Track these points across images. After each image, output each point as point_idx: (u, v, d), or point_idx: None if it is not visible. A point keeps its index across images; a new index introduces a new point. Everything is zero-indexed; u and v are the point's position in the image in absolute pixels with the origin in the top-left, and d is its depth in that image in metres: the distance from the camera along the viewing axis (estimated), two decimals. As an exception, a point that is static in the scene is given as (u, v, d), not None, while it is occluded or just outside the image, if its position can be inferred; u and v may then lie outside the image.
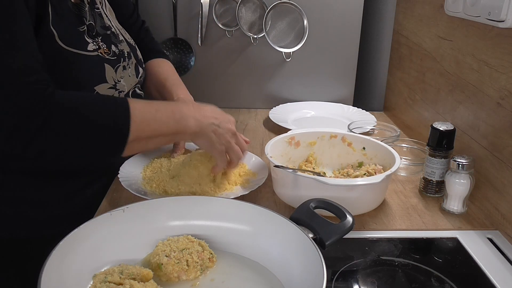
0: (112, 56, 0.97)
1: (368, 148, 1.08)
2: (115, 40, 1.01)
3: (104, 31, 0.99)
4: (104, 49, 0.95)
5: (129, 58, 1.04)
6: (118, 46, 1.01)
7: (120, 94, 0.98)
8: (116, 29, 1.05)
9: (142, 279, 0.68)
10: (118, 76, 0.98)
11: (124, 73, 1.01)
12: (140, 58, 1.11)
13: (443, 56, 1.19)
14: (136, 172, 1.04)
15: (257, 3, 1.49)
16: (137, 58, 1.09)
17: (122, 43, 1.04)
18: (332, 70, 1.60)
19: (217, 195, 0.96)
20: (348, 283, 0.78)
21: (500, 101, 0.93)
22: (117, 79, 0.97)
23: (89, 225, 0.72)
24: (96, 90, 0.91)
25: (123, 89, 0.99)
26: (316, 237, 0.71)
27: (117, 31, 1.05)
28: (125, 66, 1.01)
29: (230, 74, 1.59)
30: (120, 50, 1.01)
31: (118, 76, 0.98)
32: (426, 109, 1.30)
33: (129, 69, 1.03)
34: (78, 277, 0.66)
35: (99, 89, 0.92)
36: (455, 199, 0.96)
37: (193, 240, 0.75)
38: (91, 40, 0.93)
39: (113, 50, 0.98)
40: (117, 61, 0.98)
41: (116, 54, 0.99)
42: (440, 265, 0.83)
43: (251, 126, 1.46)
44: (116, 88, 0.97)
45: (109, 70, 0.95)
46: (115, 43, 1.01)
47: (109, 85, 0.95)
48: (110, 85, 0.95)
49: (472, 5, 0.95)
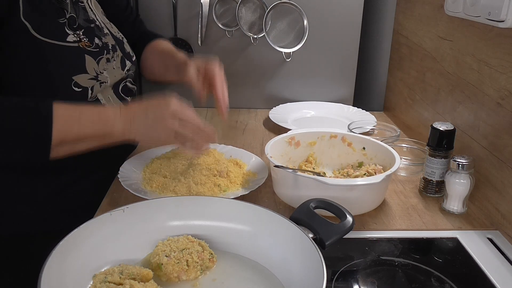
0: (94, 48, 0.98)
1: (368, 148, 1.08)
2: (98, 33, 1.03)
3: (87, 24, 1.01)
4: (85, 42, 0.97)
5: (113, 51, 1.05)
6: (102, 39, 1.02)
7: (102, 85, 0.99)
8: (101, 23, 1.06)
9: (142, 279, 0.68)
10: (100, 68, 0.99)
11: (108, 65, 1.02)
12: (128, 52, 1.12)
13: (443, 56, 1.19)
14: (136, 172, 1.04)
15: (257, 3, 1.49)
16: (124, 52, 1.09)
17: (107, 36, 1.05)
18: (332, 70, 1.60)
19: (217, 195, 0.96)
20: (348, 283, 0.78)
21: (500, 101, 0.93)
22: (99, 70, 0.98)
23: (89, 225, 0.72)
24: (74, 80, 0.93)
25: (106, 80, 1.00)
26: (316, 237, 0.71)
27: (102, 24, 1.06)
28: (109, 59, 1.02)
29: (230, 74, 1.57)
30: (104, 42, 1.02)
31: (100, 67, 0.99)
32: (426, 109, 1.30)
33: (114, 62, 1.04)
34: (78, 277, 0.66)
35: (78, 79, 0.93)
36: (455, 199, 0.96)
37: (193, 240, 0.75)
38: (72, 32, 0.95)
39: (96, 43, 1.00)
40: (99, 53, 0.99)
41: (99, 46, 1.00)
42: (440, 265, 0.83)
43: (251, 126, 1.46)
44: (98, 79, 0.98)
45: (90, 62, 0.96)
46: (98, 35, 1.02)
47: (90, 75, 0.96)
48: (91, 76, 0.96)
49: (472, 5, 0.95)
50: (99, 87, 0.98)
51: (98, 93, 0.99)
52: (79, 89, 0.94)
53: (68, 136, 0.84)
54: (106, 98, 1.02)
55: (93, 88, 0.96)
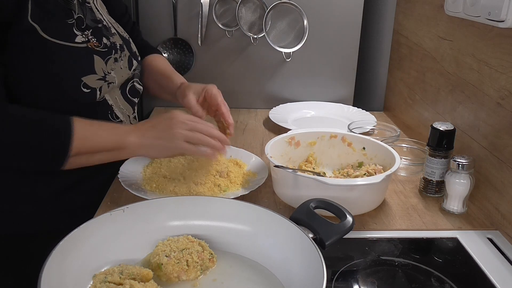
0: (103, 48, 0.98)
1: (368, 148, 1.08)
2: (106, 32, 1.02)
3: (95, 24, 1.01)
4: (93, 42, 0.96)
5: (121, 50, 1.05)
6: (110, 39, 1.02)
7: (110, 85, 0.99)
8: (108, 23, 1.06)
9: (142, 279, 0.68)
10: (108, 68, 0.98)
11: (116, 65, 1.01)
12: (134, 51, 1.12)
13: (443, 56, 1.19)
14: (136, 172, 1.04)
15: (257, 3, 1.49)
16: (131, 51, 1.10)
17: (114, 36, 1.05)
18: (332, 70, 1.60)
19: (217, 195, 0.96)
20: (348, 283, 0.78)
21: (500, 101, 0.93)
22: (107, 70, 0.98)
23: (89, 225, 0.72)
24: (83, 81, 0.93)
25: (113, 80, 1.00)
26: (316, 237, 0.71)
27: (109, 24, 1.06)
28: (116, 58, 1.02)
29: (230, 74, 1.59)
30: (112, 42, 1.02)
31: (108, 68, 0.99)
32: (426, 109, 1.30)
33: (122, 61, 1.04)
34: (78, 277, 0.66)
35: (87, 80, 0.93)
36: (455, 199, 0.96)
37: (193, 240, 0.75)
38: (80, 32, 0.95)
39: (104, 43, 0.99)
40: (108, 53, 0.99)
41: (108, 46, 1.00)
42: (440, 265, 0.83)
43: (251, 126, 1.46)
44: (106, 80, 0.97)
45: (99, 62, 0.96)
46: (106, 35, 1.01)
47: (98, 76, 0.96)
48: (99, 76, 0.96)
49: (472, 5, 0.95)
50: (107, 88, 0.98)
51: (105, 94, 0.99)
52: (88, 90, 0.94)
53: (84, 148, 0.88)
54: (113, 99, 1.03)
55: (101, 89, 0.96)
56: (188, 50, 1.53)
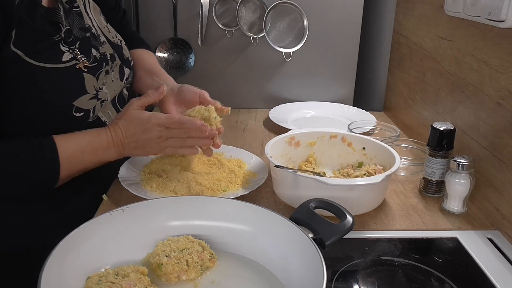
0: (92, 63, 0.94)
1: (368, 148, 1.08)
2: (95, 42, 0.98)
3: (83, 33, 0.95)
4: (83, 61, 0.92)
5: (112, 60, 1.00)
6: (99, 49, 0.97)
7: (103, 103, 0.95)
8: (97, 29, 1.01)
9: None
10: (100, 83, 0.94)
11: (107, 78, 0.97)
12: (126, 58, 1.08)
13: (443, 56, 1.19)
14: (136, 172, 1.04)
15: (257, 3, 1.49)
16: (122, 59, 1.05)
17: (104, 45, 1.00)
18: (332, 70, 1.60)
19: (217, 195, 0.96)
20: (348, 283, 0.78)
21: (500, 101, 0.93)
22: (99, 86, 0.94)
23: (89, 225, 0.72)
24: (75, 105, 0.89)
25: (106, 97, 0.96)
26: (316, 237, 0.71)
27: (99, 31, 1.01)
28: (108, 71, 0.98)
29: (230, 74, 1.59)
30: (101, 53, 0.98)
31: (100, 83, 0.94)
32: (426, 109, 1.30)
33: (113, 73, 1.00)
34: (78, 277, 0.66)
35: (79, 103, 0.89)
36: (455, 199, 0.96)
37: (193, 240, 0.75)
38: (67, 47, 0.90)
39: (93, 55, 0.95)
40: (98, 67, 0.95)
41: (97, 59, 0.96)
42: (440, 265, 0.83)
43: (251, 126, 1.46)
44: (98, 98, 0.94)
45: (89, 79, 0.92)
46: (95, 46, 0.97)
47: (90, 95, 0.92)
48: (91, 95, 0.92)
49: (472, 5, 0.95)
50: (100, 107, 0.95)
51: (98, 112, 0.96)
52: (80, 114, 0.90)
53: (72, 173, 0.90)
54: (106, 115, 0.99)
55: (95, 109, 0.93)
56: (188, 50, 1.53)
